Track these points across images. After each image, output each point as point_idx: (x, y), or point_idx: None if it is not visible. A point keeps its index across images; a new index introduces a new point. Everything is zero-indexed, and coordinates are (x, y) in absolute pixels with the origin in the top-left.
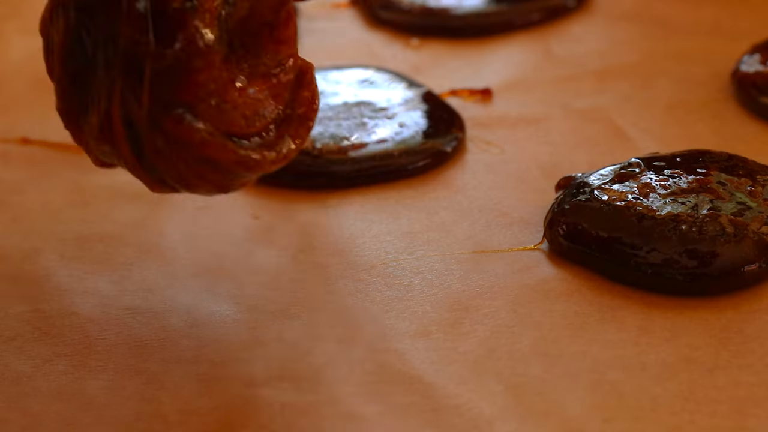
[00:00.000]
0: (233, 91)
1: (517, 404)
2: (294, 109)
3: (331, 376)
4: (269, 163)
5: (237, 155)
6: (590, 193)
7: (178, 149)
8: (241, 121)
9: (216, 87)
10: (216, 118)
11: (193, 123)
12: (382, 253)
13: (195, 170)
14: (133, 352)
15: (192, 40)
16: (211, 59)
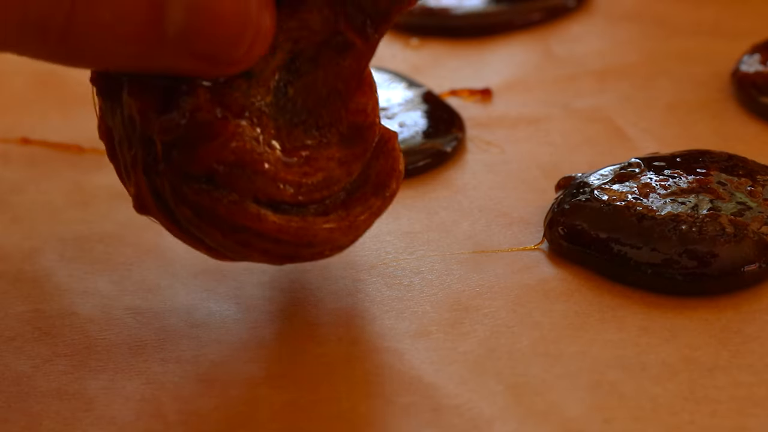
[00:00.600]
0: (273, 161)
1: (517, 404)
2: (368, 178)
3: (331, 376)
4: (326, 231)
5: (276, 224)
6: (590, 193)
7: (207, 218)
8: (288, 190)
9: (245, 157)
10: (247, 187)
11: (215, 192)
12: (382, 253)
13: (235, 238)
14: (133, 352)
15: (193, 110)
16: (223, 130)
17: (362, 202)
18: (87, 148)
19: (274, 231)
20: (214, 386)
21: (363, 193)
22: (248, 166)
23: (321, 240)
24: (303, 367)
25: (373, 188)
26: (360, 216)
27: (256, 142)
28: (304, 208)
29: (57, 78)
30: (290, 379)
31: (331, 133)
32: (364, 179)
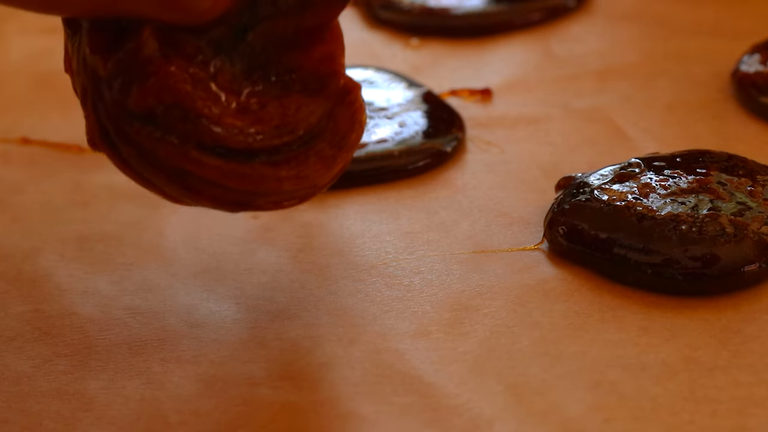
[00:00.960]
0: (220, 105)
1: (517, 404)
2: (327, 128)
3: (331, 376)
4: (273, 178)
5: (219, 169)
6: (590, 193)
7: (151, 160)
8: (236, 136)
9: (186, 99)
10: (189, 130)
11: (156, 133)
12: (382, 253)
13: (180, 182)
14: (133, 352)
15: (135, 49)
16: (161, 69)
17: (317, 151)
18: (87, 148)
19: (217, 177)
20: (214, 386)
21: (319, 142)
22: (190, 108)
23: (268, 188)
24: (303, 367)
25: (330, 138)
26: (313, 165)
27: (203, 84)
28: (254, 155)
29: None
30: (290, 379)
31: (292, 81)
32: (322, 129)
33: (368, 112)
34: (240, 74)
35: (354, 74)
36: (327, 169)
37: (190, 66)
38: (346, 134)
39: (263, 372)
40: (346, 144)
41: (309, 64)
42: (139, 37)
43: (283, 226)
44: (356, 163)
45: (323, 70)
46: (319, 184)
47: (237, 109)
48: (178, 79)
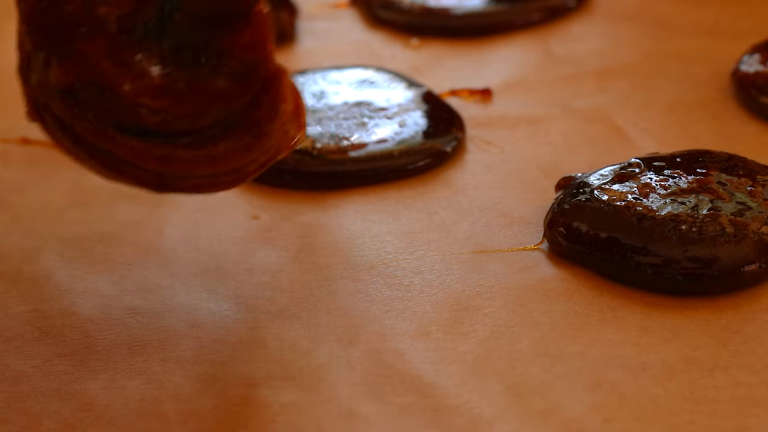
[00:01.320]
0: (139, 84)
1: (517, 404)
2: (247, 115)
3: (331, 376)
4: (185, 161)
5: (135, 150)
6: (590, 193)
7: (72, 136)
8: (152, 116)
9: (103, 77)
10: (106, 108)
11: (75, 109)
12: (382, 253)
13: (99, 159)
14: (133, 352)
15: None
16: (81, 47)
17: (234, 137)
18: None
19: (133, 157)
20: (214, 386)
21: (238, 129)
22: (107, 86)
23: (183, 170)
24: (303, 367)
25: (249, 125)
26: (226, 150)
27: (124, 63)
28: (172, 137)
29: None
30: (290, 379)
31: (220, 65)
32: (243, 116)
33: (369, 113)
34: (168, 54)
35: (354, 74)
36: (242, 156)
37: (114, 44)
38: (264, 122)
39: (263, 372)
40: (264, 133)
41: (236, 50)
42: (62, 10)
43: (283, 226)
44: (356, 163)
45: (249, 57)
46: (242, 170)
47: (158, 90)
48: (97, 57)
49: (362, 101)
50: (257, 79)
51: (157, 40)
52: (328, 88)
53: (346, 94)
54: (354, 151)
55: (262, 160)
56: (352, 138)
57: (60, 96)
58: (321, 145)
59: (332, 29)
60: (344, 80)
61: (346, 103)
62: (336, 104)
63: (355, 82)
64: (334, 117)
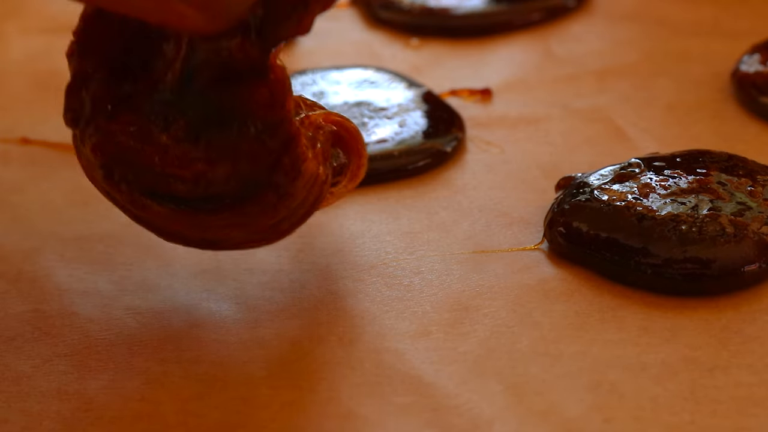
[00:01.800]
0: (166, 156)
1: (517, 404)
2: (273, 177)
3: (331, 376)
4: (220, 227)
5: (166, 216)
6: (590, 193)
7: (113, 199)
8: (181, 186)
9: (127, 152)
10: (137, 179)
11: (110, 180)
12: (382, 253)
13: (140, 222)
14: (133, 352)
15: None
16: (103, 127)
17: (258, 199)
18: None
19: (168, 224)
20: (214, 386)
21: (263, 190)
22: (134, 161)
23: (217, 235)
24: (303, 367)
25: (275, 186)
26: (253, 213)
27: (149, 137)
28: (202, 203)
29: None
30: (290, 379)
31: (242, 127)
32: (265, 176)
33: (369, 113)
34: (191, 122)
35: (354, 74)
36: (270, 217)
37: (137, 120)
38: (287, 183)
39: (263, 372)
40: (288, 193)
41: (256, 110)
42: (87, 93)
43: None
44: None
45: (270, 116)
46: (277, 227)
47: (185, 159)
48: (123, 135)
49: (362, 101)
50: (279, 139)
51: (179, 109)
52: (328, 88)
53: (346, 94)
54: None
55: (293, 219)
56: None
57: (99, 168)
58: None
59: (332, 29)
60: (344, 80)
61: (346, 103)
62: (336, 104)
63: (355, 82)
64: None
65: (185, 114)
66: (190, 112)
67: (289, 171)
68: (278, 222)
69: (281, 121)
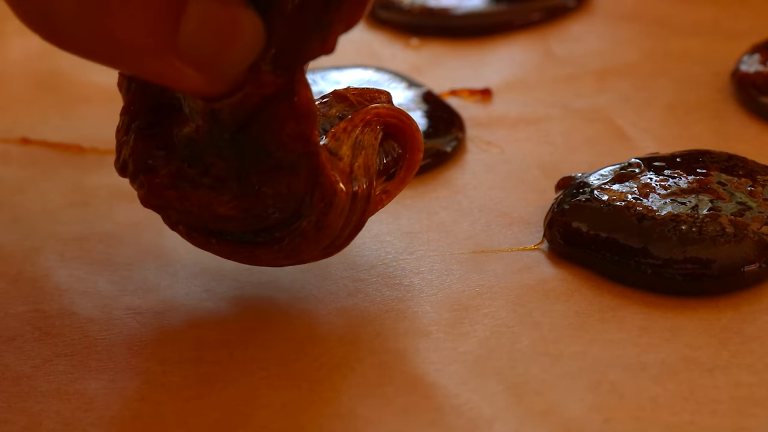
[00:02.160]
0: (207, 196)
1: (518, 404)
2: (309, 208)
3: (331, 376)
4: (272, 260)
5: (223, 251)
6: (590, 193)
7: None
8: (231, 223)
9: (173, 202)
10: (191, 220)
11: (169, 221)
12: (382, 253)
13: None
14: (133, 352)
15: (128, 161)
16: (147, 181)
17: (300, 232)
18: (87, 148)
19: (223, 255)
20: (214, 386)
21: (303, 222)
22: (180, 208)
23: (269, 263)
24: (303, 367)
25: (311, 218)
26: (299, 245)
27: (192, 183)
28: (253, 235)
29: (57, 78)
30: (290, 379)
31: (278, 158)
32: (305, 208)
33: None
34: (231, 162)
35: (354, 74)
36: (313, 247)
37: (178, 170)
38: (321, 217)
39: (263, 372)
40: (325, 225)
41: (286, 143)
42: (128, 147)
43: None
44: None
45: (298, 149)
46: (329, 252)
47: (230, 198)
48: (163, 187)
49: None
50: (305, 173)
51: (214, 152)
52: (328, 88)
53: None
54: None
55: (341, 240)
56: None
57: (156, 210)
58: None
59: None
60: (344, 80)
61: None
62: None
63: (355, 83)
64: None
65: (221, 155)
66: (226, 152)
67: (318, 205)
68: (326, 247)
69: (308, 155)
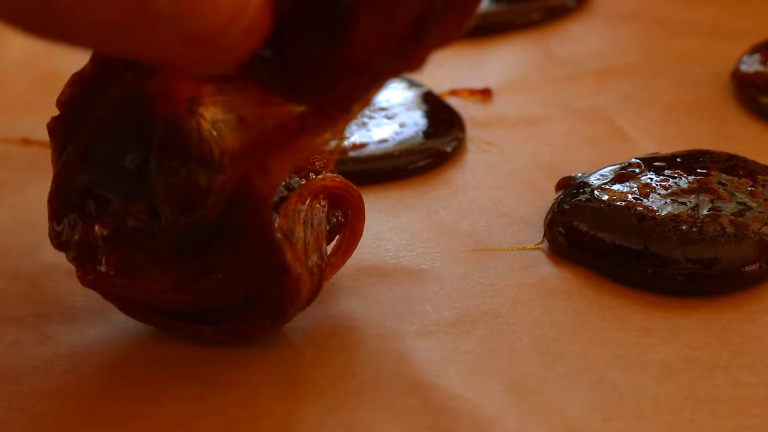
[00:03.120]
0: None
1: (518, 404)
2: (264, 299)
3: (333, 380)
4: (217, 340)
5: (178, 330)
6: (590, 193)
7: None
8: (183, 306)
9: (122, 291)
10: (143, 303)
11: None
12: (382, 252)
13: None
14: (133, 352)
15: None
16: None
17: (254, 319)
18: None
19: (165, 330)
20: (214, 390)
21: (257, 310)
22: (133, 295)
23: (211, 341)
24: (304, 371)
25: (267, 310)
26: (250, 332)
27: (140, 271)
28: (203, 315)
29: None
30: (291, 381)
31: (235, 246)
32: (259, 296)
33: (369, 113)
34: (183, 245)
35: None
36: (268, 329)
37: (125, 257)
38: (280, 312)
39: (264, 372)
40: (282, 320)
41: (247, 233)
42: (78, 232)
43: None
44: (356, 163)
45: (260, 242)
46: (284, 323)
47: (182, 281)
48: (112, 278)
49: None
50: (269, 266)
51: (164, 235)
52: None
53: None
54: (354, 151)
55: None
56: (352, 138)
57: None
58: None
59: None
60: None
61: None
62: None
63: None
64: None
65: (173, 237)
66: (178, 235)
67: (279, 302)
68: (281, 323)
69: (273, 246)
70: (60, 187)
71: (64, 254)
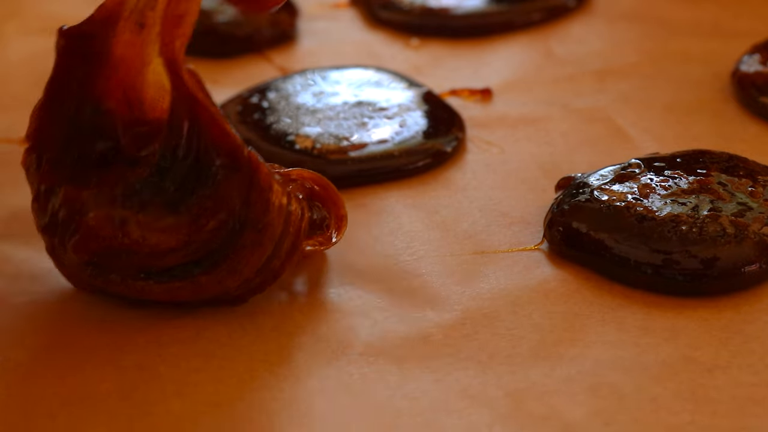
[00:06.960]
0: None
1: (517, 409)
2: (248, 214)
3: (331, 382)
4: (215, 283)
5: (164, 292)
6: (590, 193)
7: (112, 293)
8: (172, 257)
9: (114, 244)
10: (128, 266)
11: (103, 275)
12: (381, 252)
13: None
14: (133, 351)
15: (57, 212)
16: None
17: (243, 240)
18: None
19: (166, 298)
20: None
21: (243, 231)
22: (118, 247)
23: (214, 292)
24: (304, 371)
25: (249, 223)
26: (243, 256)
27: (129, 221)
28: (194, 266)
29: None
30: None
31: (215, 168)
32: (243, 217)
33: (369, 113)
34: (171, 195)
35: (354, 74)
36: (259, 255)
37: (114, 208)
38: (261, 215)
39: (264, 373)
40: (266, 223)
41: (214, 142)
42: (56, 198)
43: None
44: (356, 163)
45: (226, 145)
46: (271, 267)
47: (170, 231)
48: (99, 227)
49: (362, 101)
50: (242, 171)
51: (155, 188)
52: (328, 88)
53: (346, 94)
54: (354, 151)
55: (281, 255)
56: (352, 138)
57: (85, 266)
58: (321, 145)
59: (332, 29)
60: (344, 80)
61: (346, 103)
62: (336, 104)
63: (355, 82)
64: (334, 117)
65: (162, 190)
66: (169, 186)
67: (258, 202)
68: (268, 260)
69: (238, 149)
70: (39, 194)
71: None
